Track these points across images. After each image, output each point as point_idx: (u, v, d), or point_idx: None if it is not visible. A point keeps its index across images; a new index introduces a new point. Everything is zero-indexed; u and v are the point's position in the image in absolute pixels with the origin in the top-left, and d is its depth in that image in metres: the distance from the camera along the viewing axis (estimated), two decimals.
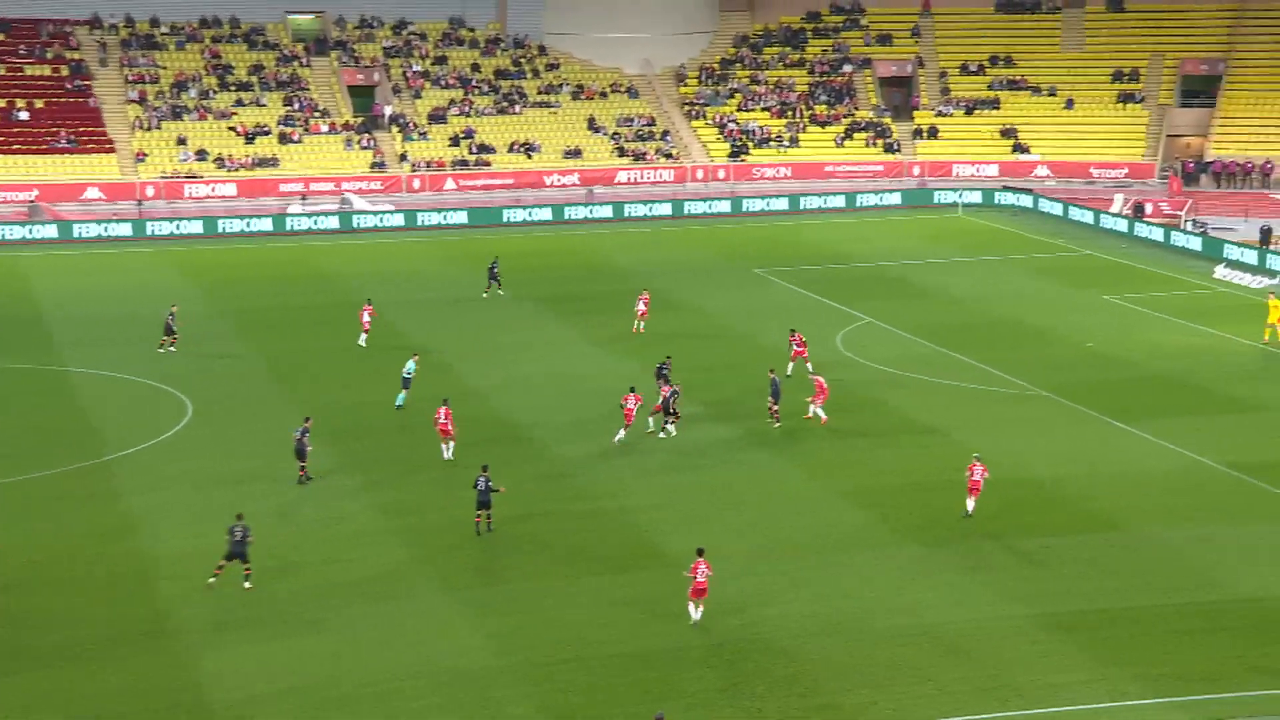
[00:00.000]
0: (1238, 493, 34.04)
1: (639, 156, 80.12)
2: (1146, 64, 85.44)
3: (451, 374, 44.01)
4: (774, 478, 35.69)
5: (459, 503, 33.86)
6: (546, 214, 72.49)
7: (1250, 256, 60.22)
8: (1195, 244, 63.95)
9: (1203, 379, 43.50)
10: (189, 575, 29.92)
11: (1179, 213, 70.61)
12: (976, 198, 76.24)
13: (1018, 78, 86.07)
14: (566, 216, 72.62)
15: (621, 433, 37.88)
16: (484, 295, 54.88)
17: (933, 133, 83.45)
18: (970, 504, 33.15)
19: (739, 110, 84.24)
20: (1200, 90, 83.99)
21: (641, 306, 49.35)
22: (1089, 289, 56.22)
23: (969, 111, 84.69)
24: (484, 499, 32.28)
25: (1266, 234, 62.92)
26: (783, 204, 76.10)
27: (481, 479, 32.43)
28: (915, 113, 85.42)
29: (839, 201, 76.48)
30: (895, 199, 77.04)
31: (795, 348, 43.99)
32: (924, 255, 63.82)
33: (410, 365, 41.15)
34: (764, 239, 68.60)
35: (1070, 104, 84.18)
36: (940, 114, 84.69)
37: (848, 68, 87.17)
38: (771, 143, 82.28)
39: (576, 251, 65.50)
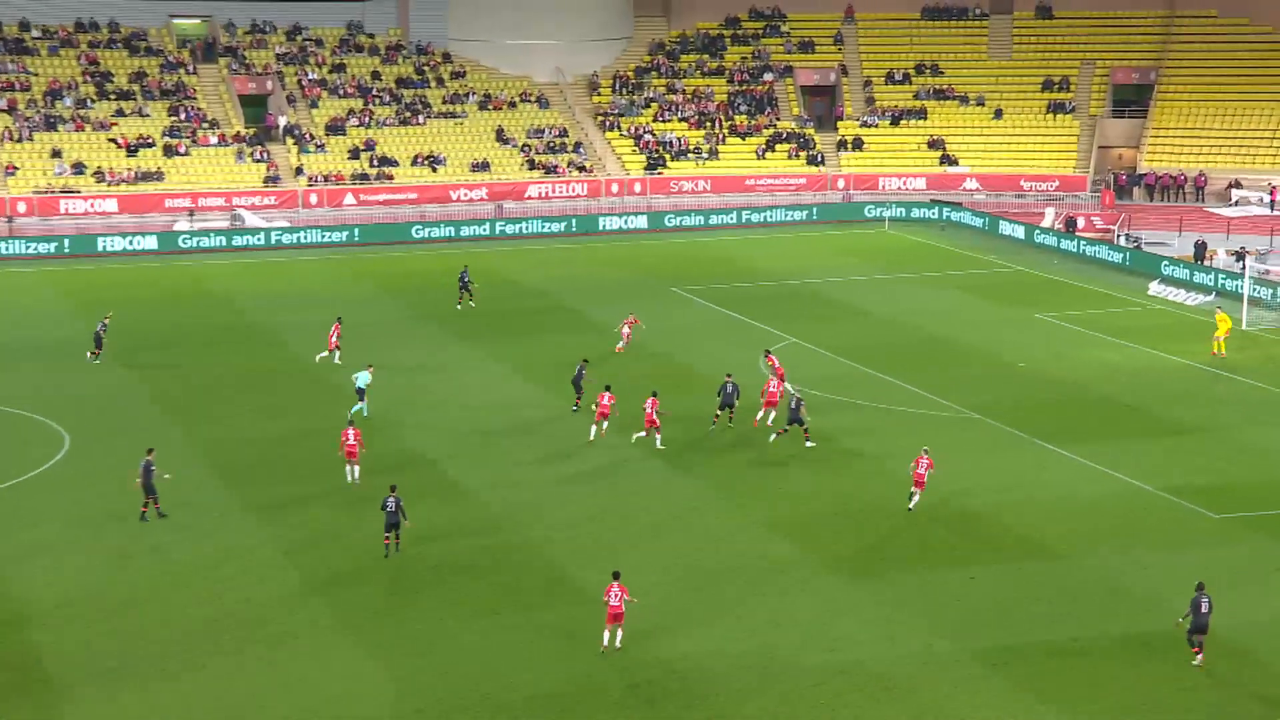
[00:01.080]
0: (1175, 518, 34.55)
1: (550, 170, 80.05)
2: (1077, 73, 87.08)
3: (354, 398, 43.52)
4: (694, 505, 35.66)
5: (362, 531, 33.45)
6: (452, 230, 72.26)
7: (1185, 273, 61.43)
8: (1129, 260, 65.13)
9: (1138, 400, 44.19)
10: (59, 619, 29.14)
11: (1112, 227, 71.90)
12: (903, 212, 77.09)
13: (945, 87, 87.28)
14: (473, 232, 72.46)
15: (645, 435, 39.67)
16: (458, 306, 56.27)
17: (857, 144, 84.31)
18: (913, 500, 34.67)
19: (655, 121, 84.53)
20: (1132, 100, 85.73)
21: (626, 329, 50.00)
22: (1021, 307, 57.00)
23: (895, 122, 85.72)
24: (392, 520, 32.46)
25: (1201, 249, 64.24)
26: (701, 218, 76.41)
27: (390, 499, 32.57)
28: (839, 123, 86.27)
29: (760, 216, 76.95)
30: (819, 213, 77.68)
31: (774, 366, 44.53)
32: (850, 272, 64.35)
33: (364, 375, 42.44)
34: (682, 255, 68.81)
35: (999, 114, 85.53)
36: (865, 125, 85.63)
37: (768, 76, 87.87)
38: (690, 155, 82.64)
39: (484, 270, 65.23)
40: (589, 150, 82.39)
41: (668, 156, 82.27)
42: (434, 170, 78.98)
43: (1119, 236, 69.91)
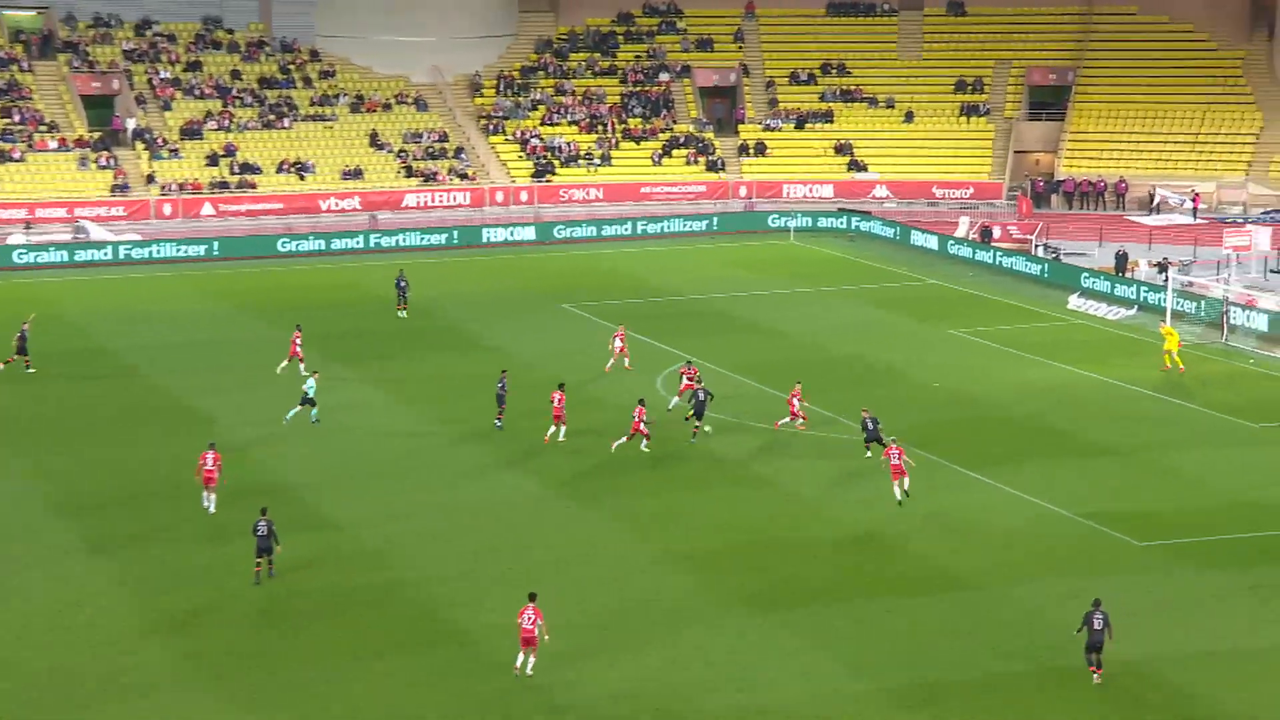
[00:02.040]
0: (1097, 546, 35.44)
1: (429, 177, 79.92)
2: (991, 73, 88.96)
3: (214, 426, 43.14)
4: (590, 538, 35.84)
5: (224, 567, 33.16)
6: (322, 243, 71.87)
7: (1106, 285, 63.00)
8: (1047, 271, 66.66)
9: (1058, 421, 45.24)
10: None
11: (1029, 237, 73.48)
12: (810, 221, 78.10)
13: (852, 88, 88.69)
14: (346, 245, 72.11)
15: (643, 444, 41.51)
16: (400, 314, 56.96)
17: (760, 149, 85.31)
18: (898, 490, 37.33)
19: (543, 124, 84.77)
20: (1049, 102, 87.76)
21: (618, 344, 50.24)
22: (934, 322, 58.05)
23: (800, 125, 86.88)
24: (264, 544, 32.62)
25: (1122, 260, 65.91)
26: (593, 229, 76.73)
27: (261, 522, 32.77)
28: (740, 127, 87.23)
29: (657, 226, 77.43)
30: (719, 223, 78.41)
31: (685, 380, 45.54)
32: (752, 286, 65.03)
33: (311, 383, 43.87)
34: (573, 269, 69.03)
35: (910, 117, 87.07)
36: (768, 128, 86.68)
37: (664, 76, 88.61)
38: (580, 161, 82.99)
39: (357, 285, 64.92)
40: (471, 156, 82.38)
41: (556, 163, 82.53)
42: (301, 178, 78.44)
43: (1037, 247, 71.50)
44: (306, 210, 76.64)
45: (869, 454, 41.06)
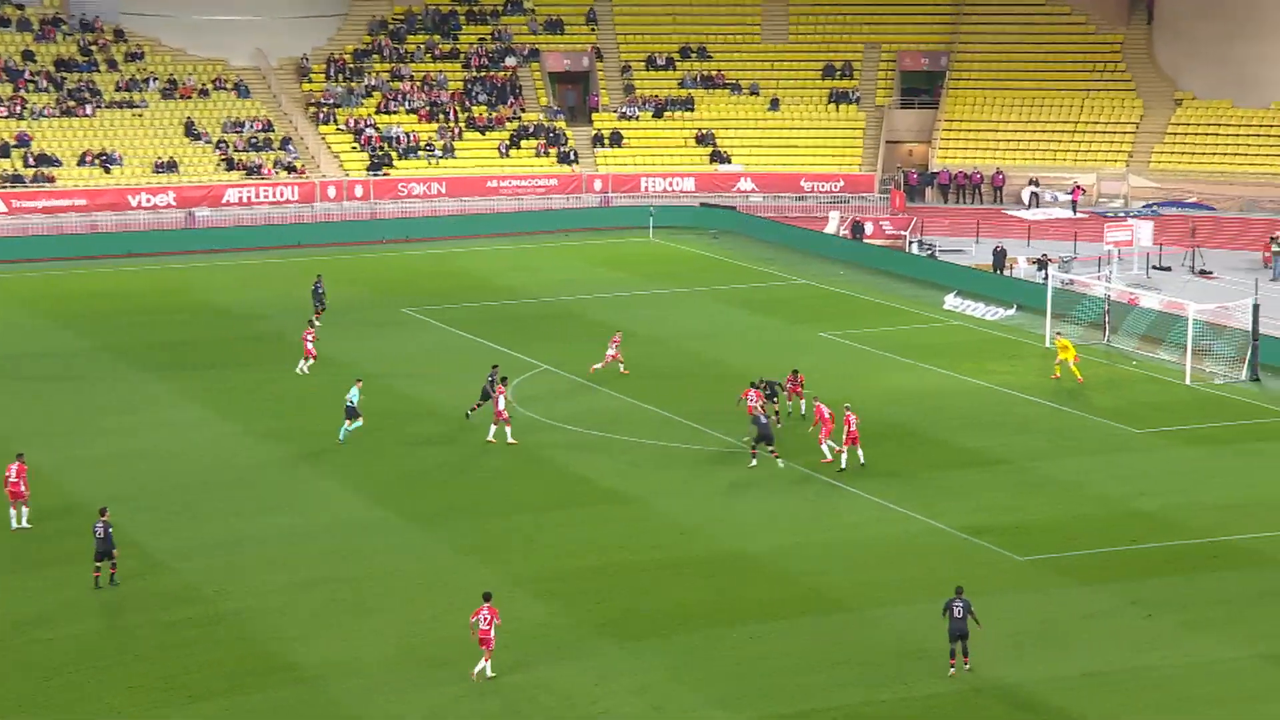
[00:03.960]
0: (975, 562, 36.08)
1: (253, 170, 78.94)
2: (860, 58, 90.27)
3: (10, 446, 42.19)
4: (433, 563, 35.69)
5: (36, 591, 32.47)
6: (132, 243, 70.64)
7: (984, 283, 64.24)
8: (922, 269, 67.80)
9: (933, 428, 46.00)
10: None
11: (903, 233, 74.68)
12: (670, 217, 78.49)
13: (714, 73, 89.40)
14: (159, 246, 70.96)
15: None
16: (317, 322, 55.92)
17: (616, 139, 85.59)
18: (844, 457, 40.86)
19: (378, 113, 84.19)
20: (922, 88, 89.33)
21: (612, 350, 50.30)
22: (803, 324, 58.71)
23: (658, 114, 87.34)
24: (105, 547, 32.98)
25: (1000, 256, 67.27)
26: (437, 226, 76.38)
27: (99, 524, 33.13)
28: (594, 115, 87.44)
29: (505, 223, 77.34)
30: (573, 219, 78.47)
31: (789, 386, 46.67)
32: (610, 287, 65.21)
33: (354, 393, 44.16)
34: (414, 270, 68.66)
35: (775, 104, 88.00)
36: (624, 116, 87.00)
37: (511, 60, 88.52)
38: (420, 152, 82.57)
39: (174, 290, 64.01)
40: (299, 147, 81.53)
41: (394, 154, 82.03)
42: (107, 171, 76.98)
43: (911, 243, 72.69)
44: (114, 207, 75.22)
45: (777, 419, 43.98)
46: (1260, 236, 71.61)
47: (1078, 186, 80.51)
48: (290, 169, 79.73)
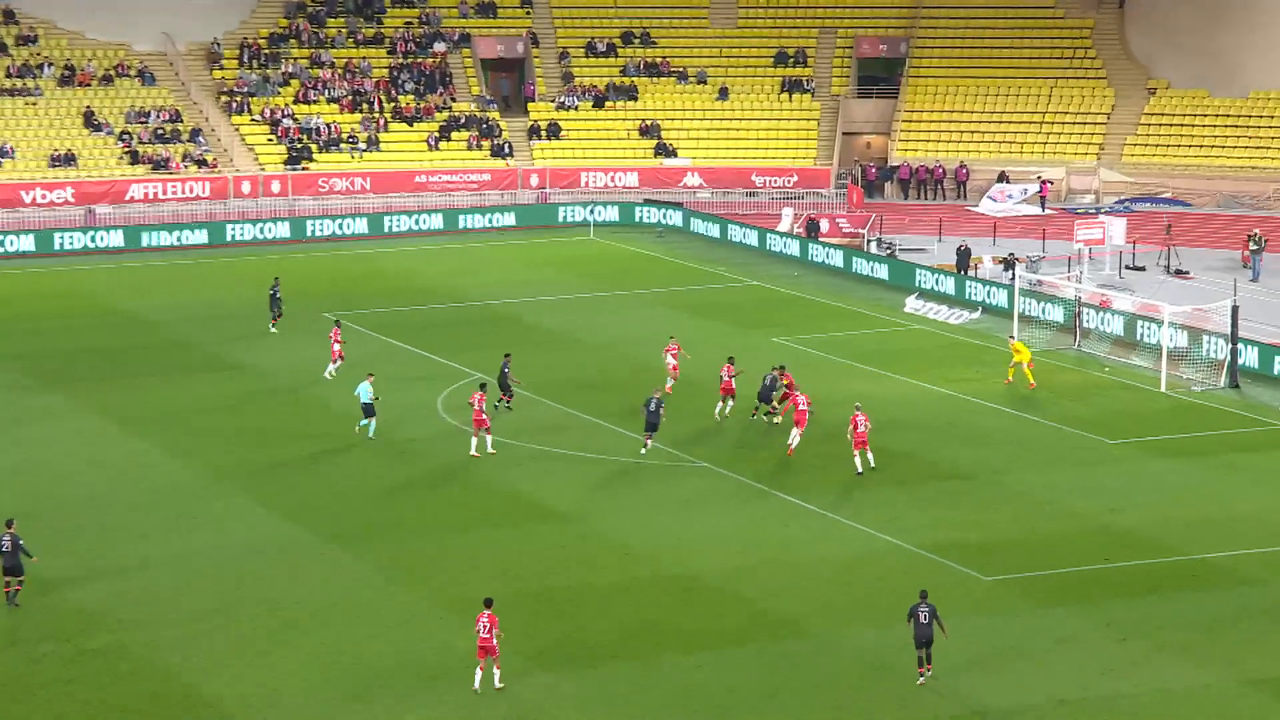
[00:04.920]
0: (941, 583, 36.09)
1: (160, 164, 78.41)
2: (815, 44, 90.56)
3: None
4: (351, 587, 35.45)
5: None
6: (29, 243, 70.23)
7: (947, 284, 64.55)
8: (881, 270, 68.06)
9: (894, 440, 45.92)
10: None
11: (861, 231, 74.94)
12: (613, 215, 78.47)
13: (658, 60, 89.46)
14: (56, 246, 70.50)
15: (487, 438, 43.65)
16: (272, 329, 56.04)
17: (554, 131, 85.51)
18: (858, 460, 42.27)
19: (297, 102, 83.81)
20: (880, 77, 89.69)
21: (671, 360, 50.29)
22: (755, 329, 58.80)
23: (598, 104, 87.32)
24: (12, 562, 33.01)
25: (964, 256, 67.57)
26: (361, 225, 76.17)
27: (6, 537, 33.09)
28: (530, 105, 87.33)
29: (435, 221, 77.18)
30: (509, 218, 78.40)
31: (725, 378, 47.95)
32: (547, 290, 65.12)
33: (366, 387, 45.10)
34: (336, 272, 68.39)
35: (724, 94, 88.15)
36: (562, 107, 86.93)
37: (440, 46, 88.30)
38: (343, 145, 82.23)
39: (73, 294, 63.51)
40: (211, 140, 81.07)
41: (314, 147, 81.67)
42: None
43: (869, 242, 72.93)
44: (5, 203, 74.58)
45: (765, 417, 46.16)
46: (1239, 234, 72.21)
47: (1044, 181, 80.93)
48: (200, 163, 79.21)
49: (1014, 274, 61.60)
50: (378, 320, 59.34)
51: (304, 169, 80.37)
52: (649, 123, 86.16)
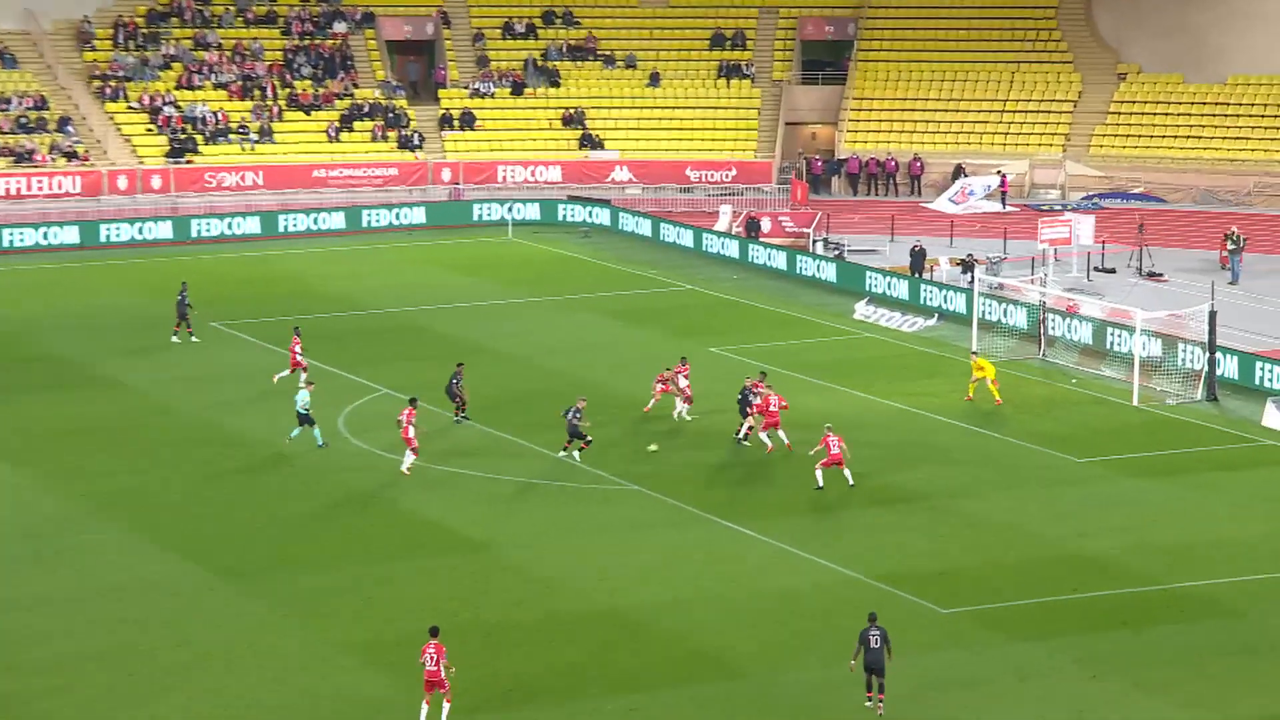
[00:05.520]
0: (893, 615, 36.17)
1: (23, 157, 77.83)
2: (755, 25, 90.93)
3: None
4: (238, 631, 35.19)
5: None
6: None
7: (900, 289, 64.87)
8: (829, 273, 68.34)
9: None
10: None
11: (806, 230, 75.26)
12: (533, 213, 78.45)
13: (583, 42, 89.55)
14: None
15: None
16: (174, 339, 55.82)
17: (467, 121, 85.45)
18: (819, 477, 42.87)
19: (179, 88, 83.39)
20: (827, 61, 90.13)
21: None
22: (690, 337, 58.87)
23: (517, 91, 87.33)
24: None
25: (919, 257, 67.97)
26: (253, 224, 75.86)
27: None
28: (441, 92, 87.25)
29: (336, 221, 76.97)
30: (418, 216, 78.26)
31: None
32: (461, 296, 65.05)
33: (304, 396, 45.73)
34: (226, 276, 68.09)
35: (655, 80, 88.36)
36: (477, 94, 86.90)
37: (341, 26, 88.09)
38: (232, 136, 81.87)
39: None
40: (81, 129, 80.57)
41: (199, 139, 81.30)
42: None
43: (815, 243, 73.26)
44: None
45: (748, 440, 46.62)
46: (1217, 233, 72.92)
47: (1004, 175, 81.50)
48: (70, 155, 78.65)
49: (973, 277, 62.00)
50: (271, 331, 59.04)
51: (188, 163, 79.95)
52: (573, 111, 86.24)
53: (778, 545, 40.21)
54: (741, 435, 47.33)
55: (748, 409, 47.28)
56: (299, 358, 51.45)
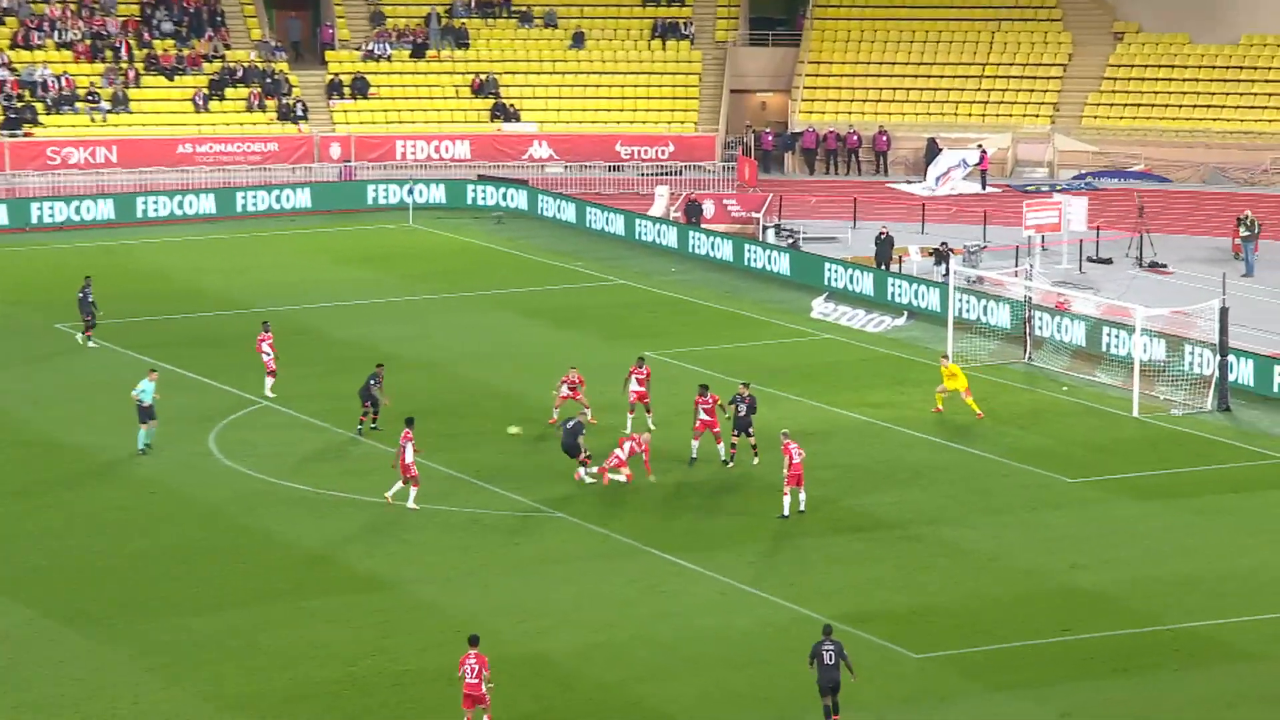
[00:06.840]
0: (859, 659, 36.46)
1: None
2: None
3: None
4: (95, 687, 35.00)
5: None
6: None
7: (865, 282, 65.23)
8: (782, 264, 68.67)
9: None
10: None
11: (755, 214, 75.56)
12: (438, 195, 78.47)
13: None
14: None
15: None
16: (79, 339, 56.70)
17: (360, 88, 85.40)
18: (787, 501, 43.19)
19: (15, 47, 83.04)
20: (778, 19, 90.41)
21: (565, 390, 50.30)
22: (620, 340, 58.98)
23: (418, 53, 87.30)
24: None
25: (885, 246, 68.37)
26: (105, 209, 75.54)
27: None
28: (329, 54, 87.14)
29: (205, 204, 76.74)
30: (303, 198, 78.14)
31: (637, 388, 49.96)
32: (354, 293, 65.14)
33: (146, 385, 46.64)
34: (74, 269, 67.61)
35: (579, 40, 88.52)
36: (371, 56, 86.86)
37: None
38: (79, 105, 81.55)
39: None
40: None
41: (40, 107, 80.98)
42: None
43: (766, 229, 73.58)
44: None
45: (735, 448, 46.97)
46: (1228, 217, 73.35)
47: (985, 151, 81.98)
48: None
49: (948, 269, 62.47)
50: (129, 333, 58.89)
51: (26, 135, 79.64)
52: (484, 78, 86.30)
53: (726, 581, 40.35)
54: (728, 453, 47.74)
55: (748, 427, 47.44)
56: (269, 360, 52.24)
